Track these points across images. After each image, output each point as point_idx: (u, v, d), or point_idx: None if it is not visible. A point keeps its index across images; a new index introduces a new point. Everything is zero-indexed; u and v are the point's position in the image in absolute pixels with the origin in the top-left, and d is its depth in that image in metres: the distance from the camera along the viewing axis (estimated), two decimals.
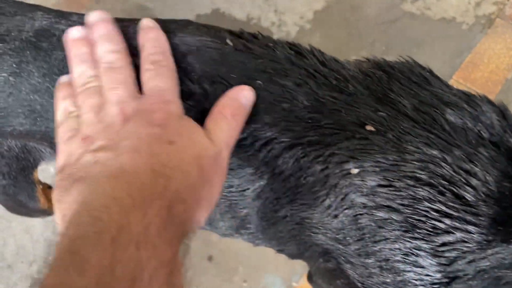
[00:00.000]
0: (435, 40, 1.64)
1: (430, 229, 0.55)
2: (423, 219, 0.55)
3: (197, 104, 0.61)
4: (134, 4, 1.80)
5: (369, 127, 0.57)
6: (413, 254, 0.56)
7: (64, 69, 0.66)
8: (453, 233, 0.55)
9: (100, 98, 0.53)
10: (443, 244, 0.55)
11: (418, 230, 0.55)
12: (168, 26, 0.65)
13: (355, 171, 0.57)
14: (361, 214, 0.58)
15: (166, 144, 0.48)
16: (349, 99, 0.59)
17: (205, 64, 0.62)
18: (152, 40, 0.58)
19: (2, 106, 0.67)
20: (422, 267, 0.57)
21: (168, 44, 0.60)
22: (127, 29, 0.63)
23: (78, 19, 0.67)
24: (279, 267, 1.40)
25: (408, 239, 0.56)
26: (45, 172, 1.60)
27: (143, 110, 0.51)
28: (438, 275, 0.57)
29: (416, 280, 0.57)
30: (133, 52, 0.60)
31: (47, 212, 1.11)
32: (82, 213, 0.42)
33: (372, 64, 0.63)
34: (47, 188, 1.31)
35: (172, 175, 0.46)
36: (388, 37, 1.67)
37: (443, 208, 0.54)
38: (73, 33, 0.60)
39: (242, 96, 0.58)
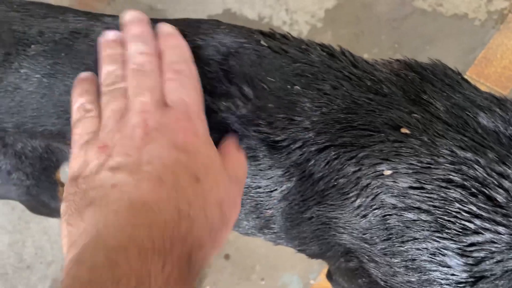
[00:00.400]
0: (447, 37, 1.64)
1: (460, 230, 0.56)
2: (453, 219, 0.56)
3: (236, 108, 0.62)
4: (146, 6, 1.81)
5: (404, 130, 0.57)
6: (440, 253, 0.57)
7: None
8: (482, 233, 0.55)
9: (124, 102, 0.50)
10: (472, 244, 0.56)
11: (447, 231, 0.56)
12: (199, 26, 0.66)
13: (388, 172, 0.57)
14: (390, 215, 0.59)
15: (192, 179, 0.44)
16: (384, 101, 0.60)
17: (245, 66, 0.63)
18: (173, 47, 0.55)
19: (35, 107, 0.68)
20: (449, 266, 0.57)
21: (190, 52, 0.58)
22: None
23: (113, 21, 0.67)
24: (296, 265, 1.41)
25: (437, 239, 0.56)
26: (63, 173, 1.62)
27: (166, 126, 0.47)
28: (464, 275, 0.57)
29: (442, 279, 0.58)
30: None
31: None
32: (97, 251, 0.38)
33: (404, 65, 0.63)
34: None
35: (196, 217, 0.43)
36: (400, 35, 1.67)
37: (474, 209, 0.55)
38: (109, 35, 0.59)
39: None
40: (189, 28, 0.66)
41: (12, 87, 0.67)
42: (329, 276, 1.00)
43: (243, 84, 0.62)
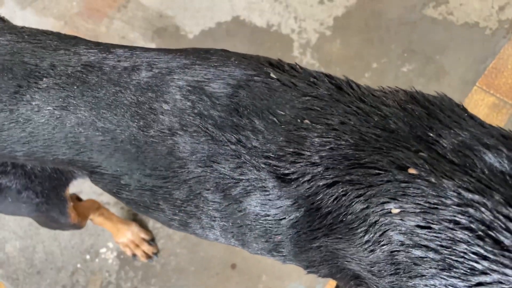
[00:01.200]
0: (458, 46, 1.63)
1: (467, 270, 0.56)
2: (461, 260, 0.56)
3: (246, 140, 0.63)
4: (155, 12, 1.82)
5: (411, 171, 0.58)
6: None
7: (112, 103, 0.68)
8: (490, 274, 0.56)
9: None
10: (479, 284, 0.56)
11: (455, 270, 0.57)
12: (209, 58, 0.67)
13: (396, 211, 0.58)
14: (397, 251, 0.60)
15: None
16: (391, 137, 0.61)
17: (255, 99, 0.64)
18: None
19: (47, 138, 0.70)
20: None
21: None
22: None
23: (124, 53, 0.69)
24: (302, 276, 1.42)
25: (445, 277, 0.57)
26: (76, 187, 1.64)
27: None
28: None
29: None
30: None
31: (77, 226, 1.14)
32: None
33: (410, 98, 0.64)
34: (77, 200, 1.35)
35: None
36: (410, 43, 1.66)
37: (481, 251, 0.56)
38: None
39: None
40: (199, 60, 0.67)
41: (24, 118, 0.69)
42: None
43: (254, 117, 0.63)
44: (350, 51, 1.69)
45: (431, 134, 0.60)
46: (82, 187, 1.62)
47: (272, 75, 0.66)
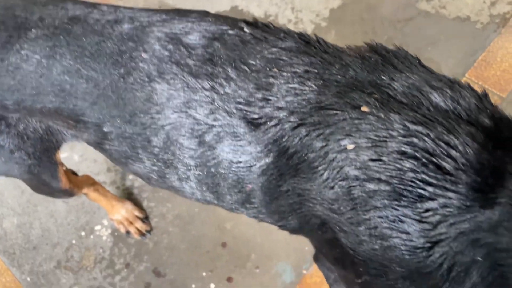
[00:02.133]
0: (449, 39, 1.67)
1: (415, 197, 0.61)
2: (409, 188, 0.61)
3: (219, 87, 0.69)
4: (157, 1, 1.87)
5: (363, 108, 0.63)
6: (399, 220, 0.62)
7: (96, 52, 0.74)
8: (435, 199, 0.61)
9: None
10: (427, 210, 0.61)
11: (404, 199, 0.62)
12: (188, 15, 0.73)
13: (350, 146, 0.63)
14: (354, 186, 0.64)
15: None
16: (349, 82, 0.67)
17: (229, 50, 0.69)
18: None
19: (34, 86, 0.75)
20: (408, 233, 0.63)
21: None
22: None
23: (108, 9, 0.74)
24: (290, 255, 1.45)
25: (396, 207, 0.62)
26: (70, 159, 1.68)
27: None
28: (422, 240, 0.62)
29: (401, 245, 0.63)
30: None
31: (68, 192, 1.17)
32: None
33: (369, 48, 0.70)
34: (71, 173, 1.39)
35: None
36: (403, 36, 1.71)
37: (426, 177, 0.60)
38: None
39: None
40: (178, 16, 0.73)
41: (13, 66, 0.74)
42: (316, 257, 1.06)
43: (227, 66, 0.68)
44: (345, 42, 1.73)
45: (384, 78, 0.66)
46: (80, 166, 1.66)
47: (245, 29, 0.72)
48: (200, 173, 0.76)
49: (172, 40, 0.73)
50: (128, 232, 1.53)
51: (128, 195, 1.62)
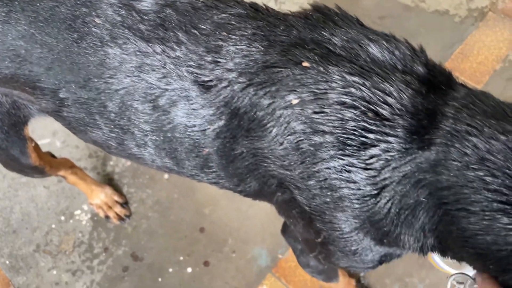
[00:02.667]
0: (428, 32, 1.70)
1: (359, 145, 0.64)
2: (352, 137, 0.64)
3: (170, 50, 0.71)
4: None
5: (305, 64, 0.66)
6: (346, 170, 0.65)
7: (50, 17, 0.76)
8: (377, 145, 0.63)
9: None
10: (371, 157, 0.63)
11: (348, 148, 0.64)
12: None
13: (295, 101, 0.66)
14: (301, 140, 0.67)
15: None
16: (293, 41, 0.70)
17: (180, 15, 0.72)
18: None
19: None
20: (355, 182, 0.65)
21: None
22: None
23: None
24: (266, 240, 1.47)
25: (341, 157, 0.64)
26: (52, 145, 1.69)
27: None
28: (369, 188, 0.65)
29: (350, 195, 0.65)
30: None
31: (39, 169, 1.18)
32: None
33: (313, 8, 0.73)
34: (50, 155, 1.40)
35: None
36: (383, 28, 1.72)
37: (366, 125, 0.63)
38: None
39: None
40: None
41: None
42: (283, 230, 1.08)
43: (178, 31, 0.71)
44: None
45: (325, 34, 0.69)
46: (62, 152, 1.68)
47: None
48: (157, 138, 0.78)
49: (125, 6, 0.75)
50: (107, 217, 1.54)
51: (109, 181, 1.63)
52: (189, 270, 1.47)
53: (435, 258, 1.32)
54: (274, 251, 1.46)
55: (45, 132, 1.70)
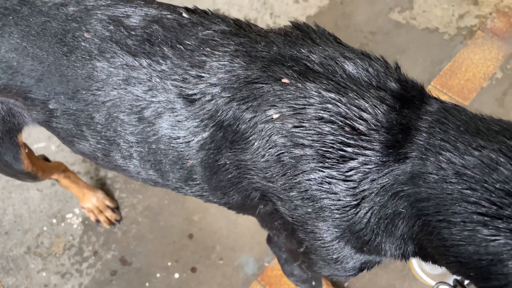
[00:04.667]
0: (418, 48, 1.74)
1: (338, 158, 0.67)
2: (331, 150, 0.67)
3: (156, 64, 0.74)
4: None
5: (284, 80, 0.69)
6: (326, 182, 0.68)
7: (41, 32, 0.79)
8: (355, 158, 0.66)
9: None
10: (350, 169, 0.66)
11: (328, 160, 0.67)
12: (133, 1, 0.79)
13: (276, 116, 0.69)
14: (282, 153, 0.70)
15: None
16: (273, 57, 0.73)
17: (166, 31, 0.75)
18: None
19: None
20: (335, 193, 0.68)
21: None
22: None
23: None
24: (254, 248, 1.49)
25: (321, 169, 0.67)
26: (47, 149, 1.72)
27: None
28: (348, 198, 0.68)
29: (331, 205, 0.68)
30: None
31: (32, 175, 1.21)
32: None
33: (293, 25, 0.76)
34: (43, 159, 1.43)
35: None
36: (374, 44, 1.78)
37: (344, 139, 0.66)
38: None
39: None
40: (123, 1, 0.79)
41: None
42: (268, 239, 1.10)
43: (164, 46, 0.74)
44: None
45: (303, 51, 0.72)
46: (56, 156, 1.70)
47: (184, 14, 0.78)
48: (142, 150, 0.81)
49: (113, 22, 0.78)
50: (98, 221, 1.57)
51: (101, 186, 1.66)
52: (177, 275, 1.49)
53: (417, 270, 1.35)
54: (261, 259, 1.48)
55: (41, 136, 1.73)
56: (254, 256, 1.49)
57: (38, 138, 1.73)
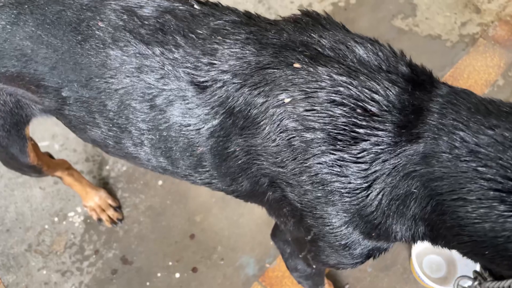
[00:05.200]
0: (420, 54, 1.75)
1: (349, 139, 0.67)
2: (343, 132, 0.67)
3: (168, 53, 0.76)
4: None
5: (296, 65, 0.70)
6: (337, 165, 0.68)
7: (56, 20, 0.81)
8: (367, 139, 0.67)
9: None
10: (362, 151, 0.67)
11: (339, 143, 0.68)
12: None
13: (287, 100, 0.70)
14: (293, 137, 0.70)
15: None
16: (284, 43, 0.74)
17: (178, 21, 0.77)
18: None
19: None
20: (346, 176, 0.68)
21: None
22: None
23: None
24: (255, 249, 1.50)
25: (333, 151, 0.67)
26: (51, 148, 1.73)
27: None
28: (359, 181, 0.68)
29: (341, 188, 0.69)
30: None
31: (37, 169, 1.21)
32: None
33: (302, 13, 0.78)
34: (48, 155, 1.43)
35: None
36: None
37: (356, 121, 0.67)
38: None
39: None
40: None
41: None
42: (273, 233, 1.11)
43: (176, 35, 0.76)
44: None
45: (314, 36, 0.73)
46: (60, 155, 1.71)
47: (195, 6, 0.80)
48: (153, 137, 0.82)
49: (127, 11, 0.80)
50: (100, 220, 1.57)
51: (104, 185, 1.66)
52: (177, 275, 1.49)
53: (419, 273, 1.35)
54: (262, 260, 1.48)
55: (45, 135, 1.74)
56: (255, 257, 1.49)
57: (42, 137, 1.73)
